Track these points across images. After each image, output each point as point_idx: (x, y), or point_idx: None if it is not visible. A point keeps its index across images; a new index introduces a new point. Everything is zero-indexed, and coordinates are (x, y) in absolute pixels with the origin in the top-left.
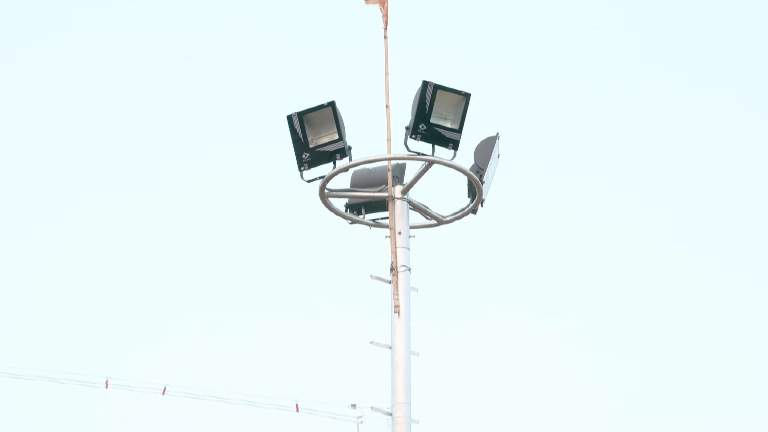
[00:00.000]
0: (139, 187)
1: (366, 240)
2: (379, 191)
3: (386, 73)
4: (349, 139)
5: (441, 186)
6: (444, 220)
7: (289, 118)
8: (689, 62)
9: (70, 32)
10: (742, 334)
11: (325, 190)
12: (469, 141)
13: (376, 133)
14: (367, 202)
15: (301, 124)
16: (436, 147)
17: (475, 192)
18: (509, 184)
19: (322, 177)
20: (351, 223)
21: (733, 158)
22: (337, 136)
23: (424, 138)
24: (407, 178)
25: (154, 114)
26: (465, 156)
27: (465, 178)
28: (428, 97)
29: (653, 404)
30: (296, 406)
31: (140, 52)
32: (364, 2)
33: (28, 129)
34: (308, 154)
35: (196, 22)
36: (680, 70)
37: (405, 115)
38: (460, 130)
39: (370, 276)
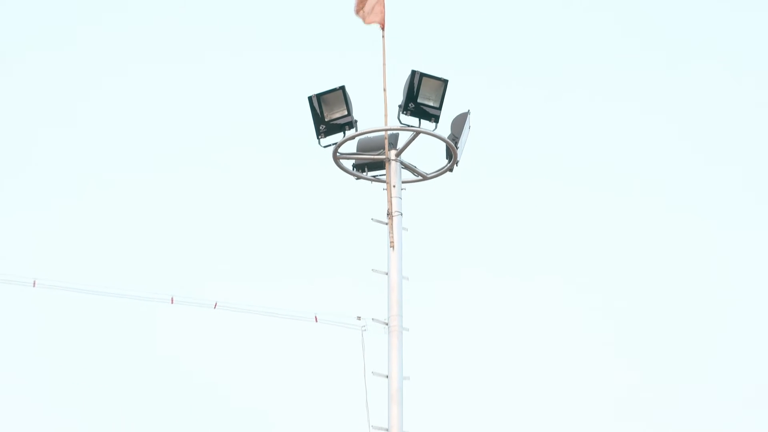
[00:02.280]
0: (195, 151)
1: (368, 191)
2: (379, 154)
3: (383, 64)
4: (356, 114)
5: (425, 150)
6: (428, 176)
7: (310, 98)
8: (668, 36)
9: (76, 30)
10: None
11: (337, 154)
12: (447, 116)
13: (376, 110)
14: (369, 162)
15: (318, 103)
16: (422, 120)
17: (451, 155)
18: (478, 150)
19: (335, 143)
20: (357, 179)
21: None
22: (346, 112)
23: (413, 114)
24: (400, 144)
25: (203, 98)
26: (444, 127)
27: (444, 144)
28: (416, 82)
29: (624, 350)
30: (315, 317)
31: (160, 45)
32: (362, 22)
33: (54, 107)
34: (324, 126)
35: (233, 21)
36: (659, 44)
37: (398, 96)
38: (440, 108)
39: (371, 219)
